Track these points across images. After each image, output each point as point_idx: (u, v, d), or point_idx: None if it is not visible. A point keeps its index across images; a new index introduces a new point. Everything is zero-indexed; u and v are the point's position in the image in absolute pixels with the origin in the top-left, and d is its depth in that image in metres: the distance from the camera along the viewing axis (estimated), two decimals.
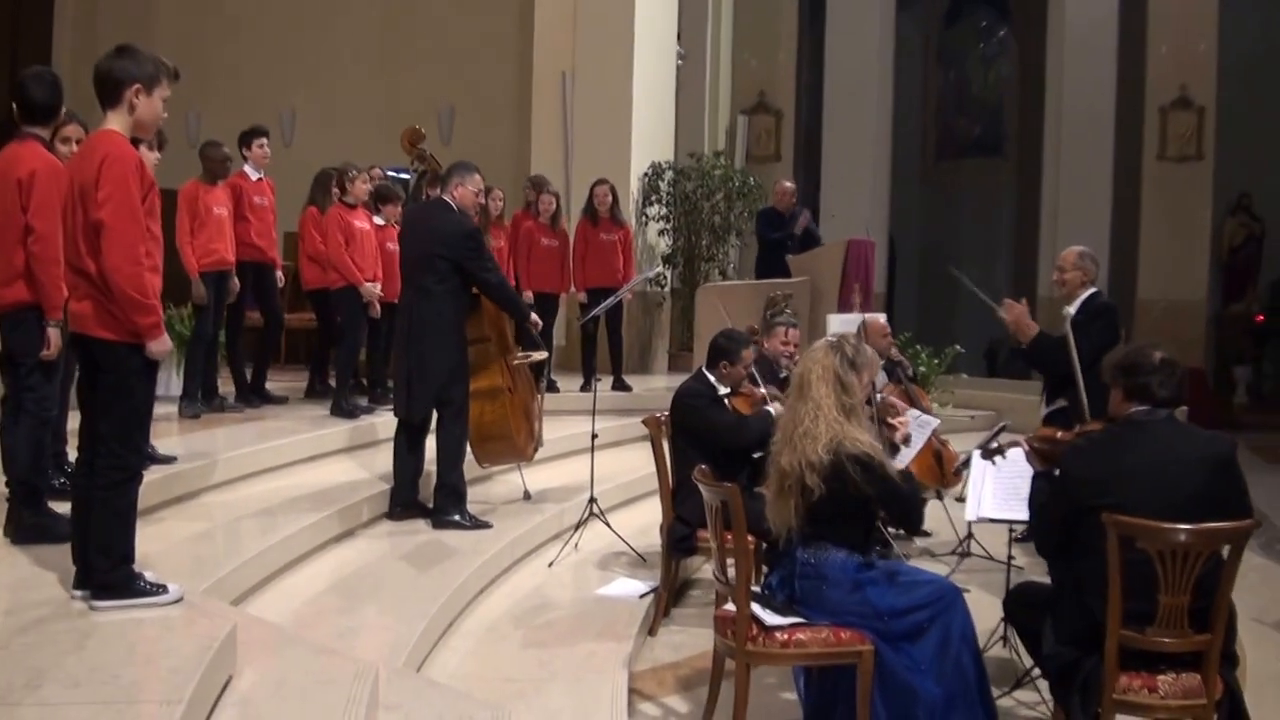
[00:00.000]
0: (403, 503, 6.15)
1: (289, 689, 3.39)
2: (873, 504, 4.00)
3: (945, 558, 6.63)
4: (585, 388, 9.35)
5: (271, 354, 8.64)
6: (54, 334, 4.43)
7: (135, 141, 4.38)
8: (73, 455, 5.21)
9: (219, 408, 7.59)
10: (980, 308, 6.08)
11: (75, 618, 3.55)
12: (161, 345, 3.68)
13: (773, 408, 5.57)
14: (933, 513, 7.04)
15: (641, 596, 5.52)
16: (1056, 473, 3.89)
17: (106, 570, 3.61)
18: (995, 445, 4.32)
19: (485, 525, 6.07)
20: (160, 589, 3.70)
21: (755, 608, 3.98)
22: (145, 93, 3.73)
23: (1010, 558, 5.19)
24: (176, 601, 3.69)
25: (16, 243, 4.40)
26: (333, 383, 8.23)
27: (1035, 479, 4.05)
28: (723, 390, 5.64)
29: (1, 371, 4.61)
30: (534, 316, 6.54)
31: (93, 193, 3.61)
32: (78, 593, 3.71)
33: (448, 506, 6.05)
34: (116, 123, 3.74)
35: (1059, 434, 4.04)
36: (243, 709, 3.20)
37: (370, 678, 3.41)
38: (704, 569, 6.36)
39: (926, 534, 7.07)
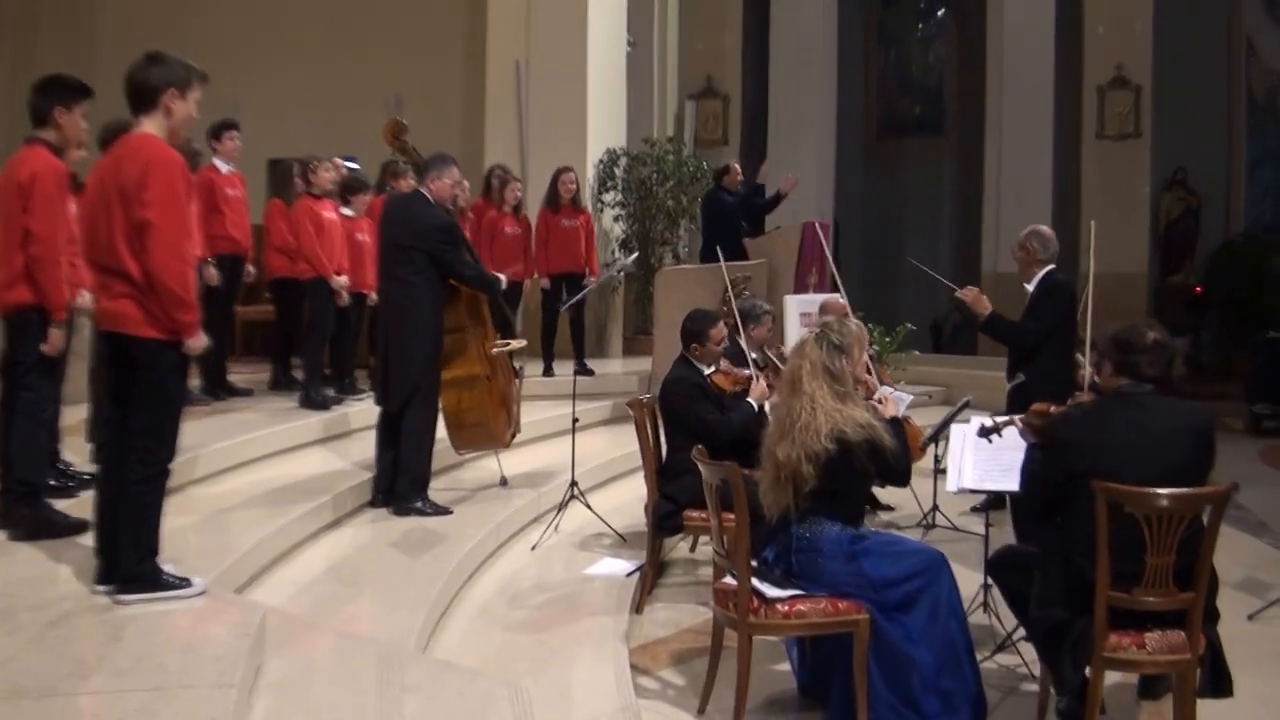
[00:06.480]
0: (385, 490, 6.22)
1: (318, 674, 3.48)
2: (869, 479, 4.17)
3: (910, 530, 6.82)
4: (548, 373, 9.47)
5: (228, 347, 8.59)
6: (57, 334, 4.45)
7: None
8: (65, 454, 5.26)
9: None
10: (924, 285, 6.39)
11: (103, 611, 3.61)
12: (199, 341, 3.76)
13: (754, 390, 5.72)
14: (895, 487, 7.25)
15: (628, 575, 5.65)
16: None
17: (134, 564, 3.67)
18: (992, 424, 4.50)
19: (446, 511, 6.15)
20: (184, 582, 3.77)
21: (754, 581, 4.12)
22: (180, 97, 3.81)
23: (989, 525, 5.36)
24: (201, 594, 3.75)
25: (18, 245, 4.43)
26: (297, 374, 8.23)
27: (1030, 449, 4.23)
28: (707, 370, 5.79)
29: (1, 372, 4.61)
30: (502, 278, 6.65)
31: (137, 194, 3.65)
32: (101, 587, 3.77)
33: (410, 494, 6.12)
34: (152, 127, 3.80)
35: (1051, 408, 4.22)
36: (280, 694, 3.29)
37: (398, 660, 3.50)
38: (680, 547, 6.52)
39: (890, 508, 7.28)
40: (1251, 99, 15.49)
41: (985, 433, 4.56)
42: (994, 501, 6.14)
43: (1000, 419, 4.50)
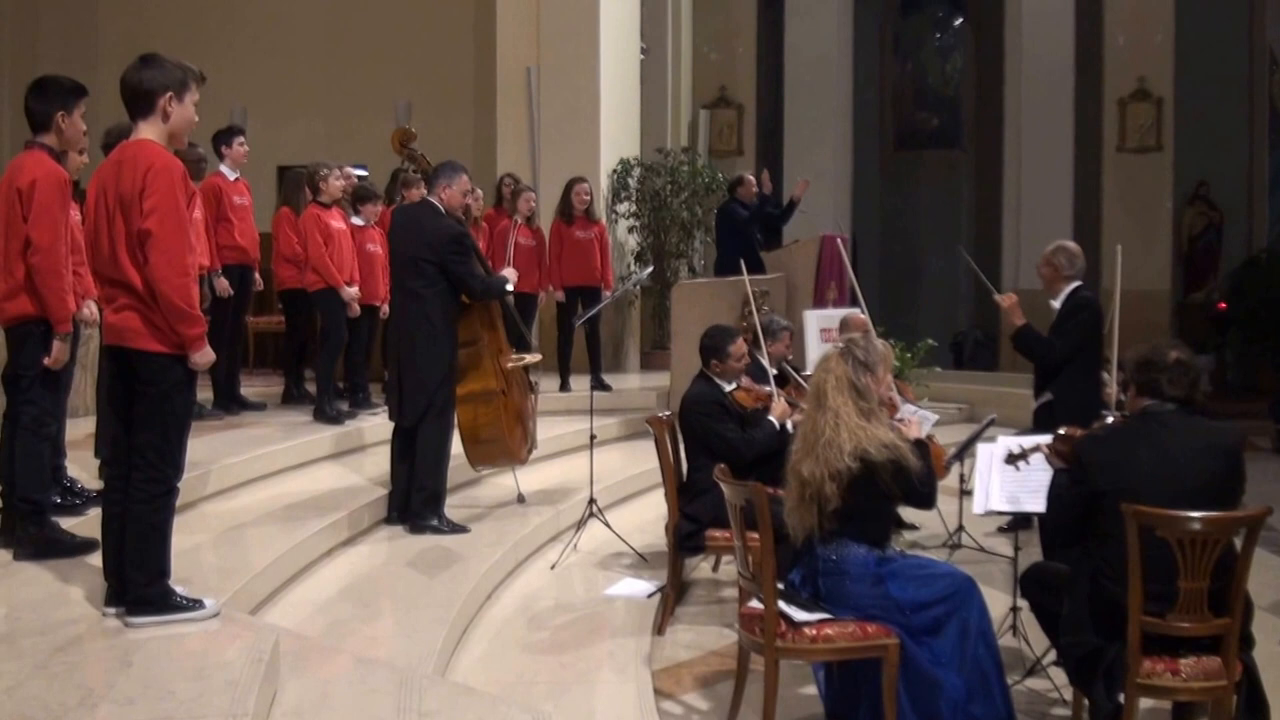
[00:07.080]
0: (401, 507, 6.13)
1: (335, 700, 3.37)
2: (894, 500, 4.08)
3: (935, 550, 6.70)
4: (564, 388, 9.37)
5: (240, 359, 8.50)
6: (61, 347, 4.34)
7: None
8: (71, 470, 5.17)
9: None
10: (943, 301, 6.30)
11: (113, 635, 3.51)
12: (205, 356, 3.65)
13: (775, 408, 5.62)
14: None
15: (649, 596, 5.54)
16: None
17: (143, 585, 3.56)
18: (1019, 450, 4.39)
19: (463, 530, 6.06)
20: (196, 604, 3.66)
21: (781, 604, 4.02)
22: (177, 100, 3.70)
23: (1017, 549, 5.25)
24: (214, 616, 3.65)
25: (19, 255, 4.31)
26: (309, 388, 8.13)
27: (1057, 473, 4.14)
28: (728, 387, 5.69)
29: (3, 385, 4.51)
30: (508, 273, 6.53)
31: (137, 203, 3.55)
32: (110, 609, 3.66)
33: (425, 511, 6.04)
34: (151, 132, 3.70)
35: (1078, 433, 4.12)
36: None
37: (416, 685, 3.40)
38: (702, 568, 6.40)
39: (915, 527, 7.15)
40: (1273, 111, 15.39)
41: (1012, 459, 4.45)
42: (1021, 522, 6.02)
43: (1026, 443, 4.39)
